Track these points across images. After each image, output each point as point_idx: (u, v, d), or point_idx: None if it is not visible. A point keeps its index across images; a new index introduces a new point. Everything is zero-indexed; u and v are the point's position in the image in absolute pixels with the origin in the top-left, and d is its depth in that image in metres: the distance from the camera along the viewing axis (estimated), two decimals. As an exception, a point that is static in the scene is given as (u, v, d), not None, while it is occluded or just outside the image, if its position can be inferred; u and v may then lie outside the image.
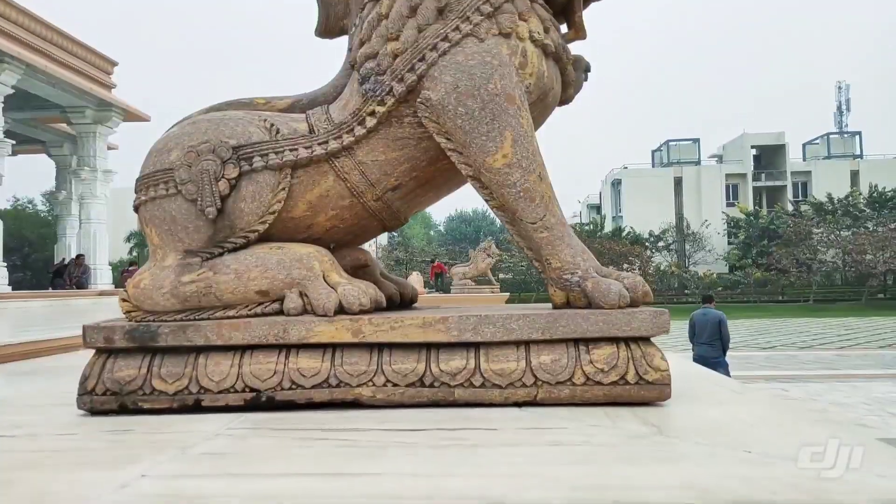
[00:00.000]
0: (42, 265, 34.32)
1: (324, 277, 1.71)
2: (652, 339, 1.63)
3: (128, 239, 38.87)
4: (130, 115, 16.76)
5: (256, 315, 1.70)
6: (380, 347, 1.66)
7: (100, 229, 15.87)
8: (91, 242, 15.72)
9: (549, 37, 1.77)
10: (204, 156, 1.72)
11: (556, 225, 1.70)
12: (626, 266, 40.25)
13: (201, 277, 1.70)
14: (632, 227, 41.08)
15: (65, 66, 14.55)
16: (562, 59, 1.83)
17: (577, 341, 1.61)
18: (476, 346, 1.64)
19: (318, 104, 1.92)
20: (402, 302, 2.07)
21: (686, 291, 37.30)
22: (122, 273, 16.94)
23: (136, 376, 1.67)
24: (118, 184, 18.55)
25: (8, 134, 13.06)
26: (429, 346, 1.65)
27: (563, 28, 1.96)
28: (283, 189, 1.75)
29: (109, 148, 16.90)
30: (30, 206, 41.45)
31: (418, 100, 1.71)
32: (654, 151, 52.71)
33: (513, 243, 39.60)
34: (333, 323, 1.65)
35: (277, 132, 1.78)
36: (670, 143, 50.14)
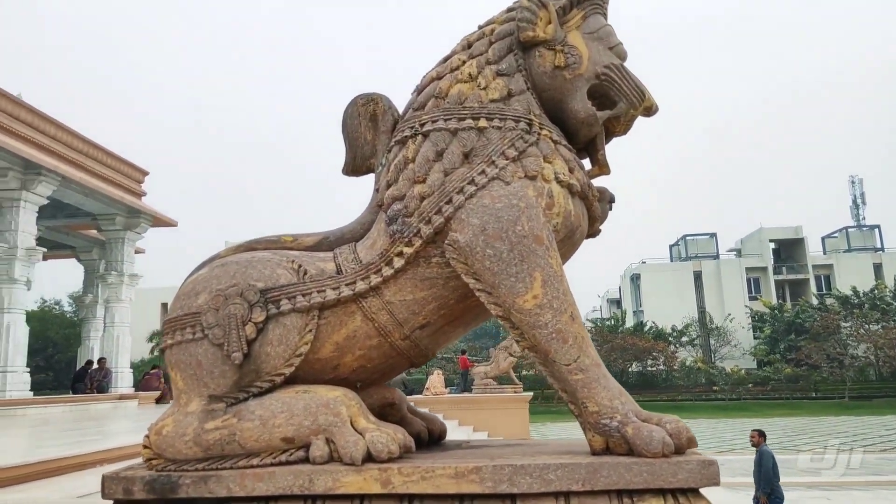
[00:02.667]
0: (65, 365, 34.45)
1: (351, 422, 1.66)
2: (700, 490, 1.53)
3: (150, 339, 39.05)
4: (158, 221, 17.30)
5: (281, 463, 1.64)
6: (410, 499, 1.58)
7: (123, 332, 15.99)
8: (114, 345, 15.81)
9: (574, 176, 1.80)
10: (231, 300, 1.72)
11: (591, 366, 1.65)
12: (650, 361, 39.32)
13: (225, 424, 1.66)
14: (653, 322, 40.51)
15: (98, 176, 15.22)
16: (587, 197, 1.86)
17: (620, 493, 1.52)
18: (512, 497, 1.55)
19: (346, 241, 1.94)
20: (430, 438, 2.00)
21: (714, 388, 36.14)
22: (143, 376, 16.89)
23: (154, 532, 1.59)
24: (143, 284, 18.86)
25: (40, 241, 13.49)
26: (462, 498, 1.57)
27: (587, 163, 2.00)
28: (311, 331, 1.73)
29: (137, 252, 17.32)
30: (56, 307, 42.12)
31: (446, 241, 1.72)
32: (671, 246, 52.89)
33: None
34: (361, 473, 1.58)
35: (305, 273, 1.79)
36: (687, 238, 50.36)
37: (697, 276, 44.77)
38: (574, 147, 1.90)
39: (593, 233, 1.97)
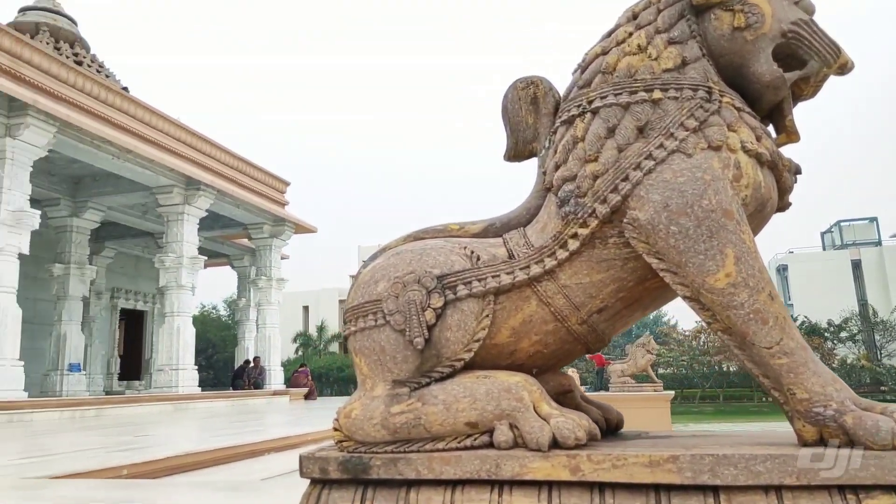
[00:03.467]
0: (222, 364, 37.70)
1: (534, 408, 1.63)
2: (939, 488, 1.35)
3: (294, 339, 41.73)
4: (300, 228, 18.41)
5: (466, 448, 1.65)
6: (601, 487, 1.53)
7: (274, 333, 17.19)
8: (266, 345, 17.01)
9: (762, 144, 1.66)
10: (410, 286, 1.76)
11: (797, 349, 1.51)
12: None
13: (410, 408, 1.70)
14: (805, 317, 37.27)
15: (248, 189, 16.45)
16: (777, 167, 1.70)
17: (842, 489, 1.37)
18: (714, 490, 1.45)
19: (512, 227, 1.92)
20: (608, 428, 1.93)
21: (882, 388, 32.55)
22: (293, 374, 18.10)
23: (349, 510, 1.66)
24: (286, 289, 20.22)
25: (200, 251, 14.86)
26: (657, 488, 1.49)
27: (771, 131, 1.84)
28: (487, 316, 1.73)
29: (282, 258, 18.54)
30: (214, 311, 46.18)
31: (624, 220, 1.65)
32: (823, 233, 48.37)
33: (671, 337, 37.26)
34: (549, 459, 1.55)
35: (478, 259, 1.79)
36: (842, 224, 45.82)
37: (856, 266, 40.58)
38: (756, 115, 1.75)
39: (783, 206, 1.80)
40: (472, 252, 1.80)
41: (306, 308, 52.72)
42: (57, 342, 14.26)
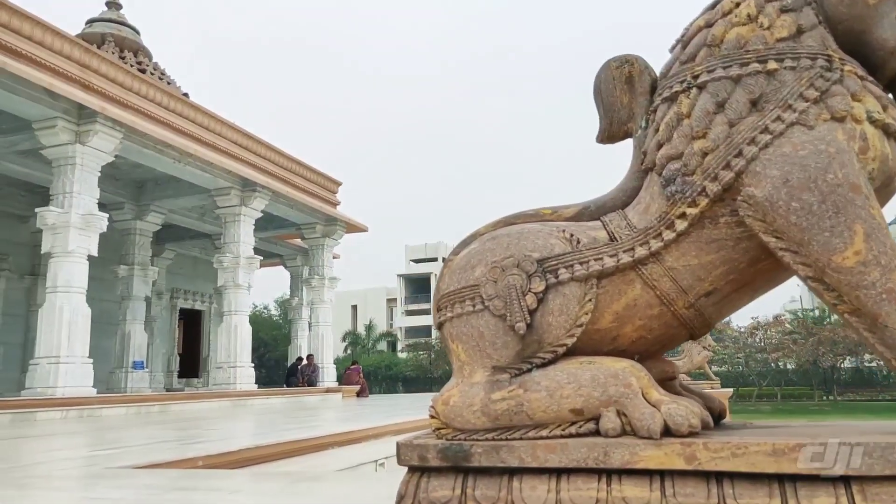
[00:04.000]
0: (274, 363, 38.56)
1: (642, 394, 1.57)
2: None
3: (343, 338, 42.36)
4: (351, 228, 18.63)
5: (571, 436, 1.60)
6: (718, 477, 1.45)
7: (326, 331, 17.43)
8: (319, 343, 17.26)
9: (889, 115, 1.55)
10: (509, 270, 1.72)
11: (936, 332, 1.41)
12: (867, 356, 34.80)
13: (512, 395, 1.66)
14: None
15: (301, 189, 16.72)
16: None
17: None
18: (846, 480, 1.36)
19: (608, 210, 1.87)
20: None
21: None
22: (345, 371, 18.34)
23: (450, 497, 1.63)
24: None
25: (255, 251, 15.19)
26: (780, 479, 1.41)
27: (890, 102, 1.72)
28: (590, 300, 1.68)
29: (334, 257, 18.78)
30: (265, 311, 47.26)
31: (739, 198, 1.57)
32: (889, 225, 46.17)
33: (726, 333, 36.15)
34: (661, 447, 1.49)
35: (578, 242, 1.74)
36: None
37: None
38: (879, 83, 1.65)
39: None
40: (572, 235, 1.75)
41: (354, 307, 53.50)
42: (122, 341, 14.79)
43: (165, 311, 19.17)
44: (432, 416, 1.78)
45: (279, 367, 32.37)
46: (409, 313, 53.07)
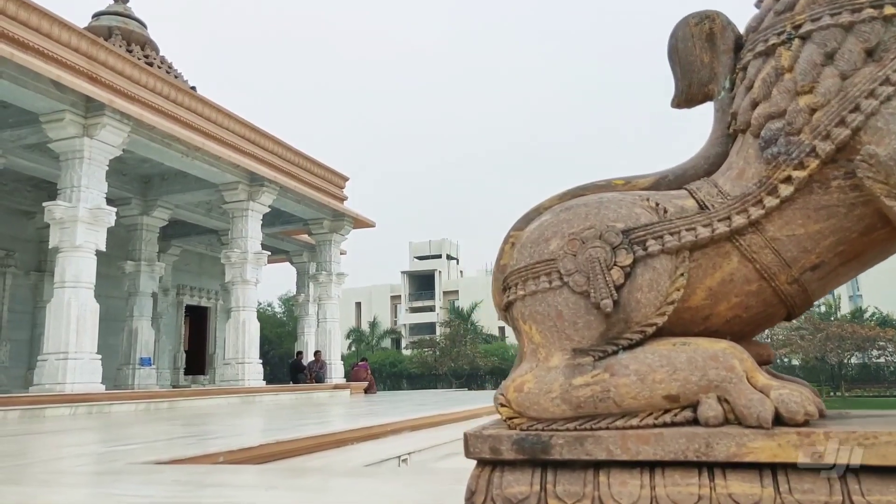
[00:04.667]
0: (278, 360, 38.39)
1: (747, 378, 1.41)
2: None
3: (347, 335, 42.18)
4: (359, 223, 18.47)
5: (665, 425, 1.44)
6: (844, 471, 1.29)
7: (334, 327, 17.29)
8: (327, 339, 17.12)
9: None
10: (590, 242, 1.56)
11: None
12: (874, 352, 34.56)
13: (596, 380, 1.49)
14: (876, 308, 35.52)
15: (308, 184, 16.56)
16: None
17: None
18: None
19: (689, 179, 1.71)
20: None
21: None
22: (352, 367, 18.19)
23: (528, 494, 1.47)
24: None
25: (261, 247, 15.03)
26: (916, 472, 1.25)
27: None
28: (682, 275, 1.51)
29: (341, 253, 18.64)
30: (269, 308, 47.10)
31: (857, 157, 1.41)
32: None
33: (803, 325, 35.79)
34: (774, 437, 1.32)
35: (665, 211, 1.57)
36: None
37: (934, 254, 38.28)
38: None
39: None
40: (658, 204, 1.59)
41: (358, 304, 53.30)
42: (129, 337, 14.65)
43: (171, 308, 19.04)
44: (502, 405, 1.62)
45: (283, 365, 32.27)
46: (414, 310, 52.92)
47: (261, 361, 14.13)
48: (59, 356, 9.61)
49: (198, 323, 20.85)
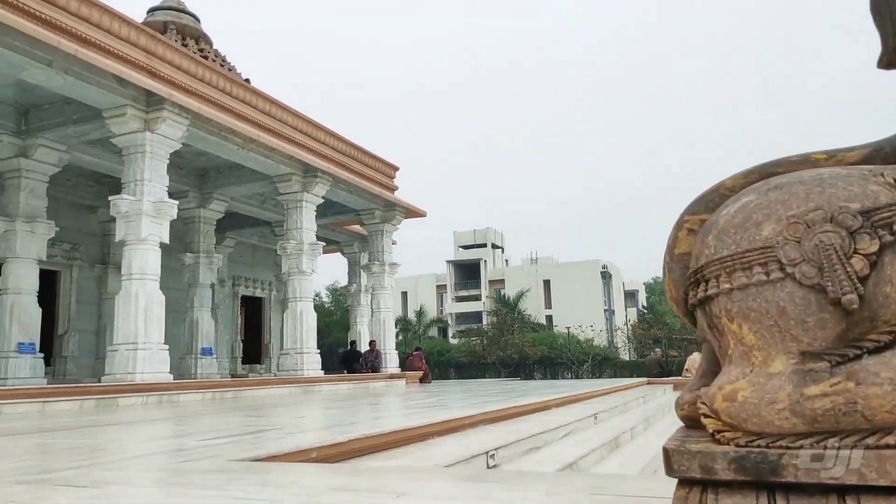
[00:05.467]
0: (327, 350, 38.94)
1: None
2: None
3: (395, 325, 42.40)
4: (410, 213, 18.38)
5: (931, 444, 1.21)
6: None
7: (388, 317, 17.28)
8: (381, 329, 17.13)
9: None
10: (818, 227, 1.32)
11: None
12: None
13: (837, 390, 1.27)
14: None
15: (360, 175, 16.53)
16: None
17: None
18: None
19: (912, 150, 1.45)
20: None
21: None
22: (407, 357, 18.18)
23: (753, 522, 1.26)
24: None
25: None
26: None
27: None
28: (939, 264, 1.27)
29: (392, 243, 18.59)
30: (316, 298, 47.72)
31: None
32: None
33: None
34: None
35: (907, 189, 1.33)
36: None
37: None
38: None
39: None
40: (895, 179, 1.35)
41: (405, 294, 53.57)
42: (190, 328, 14.92)
43: (228, 299, 19.34)
44: (705, 415, 1.41)
45: (333, 354, 32.65)
46: (459, 299, 52.89)
47: (318, 351, 14.21)
48: (128, 347, 9.79)
49: (253, 313, 21.17)
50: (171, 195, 10.96)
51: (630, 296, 59.49)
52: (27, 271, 10.95)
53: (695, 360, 16.63)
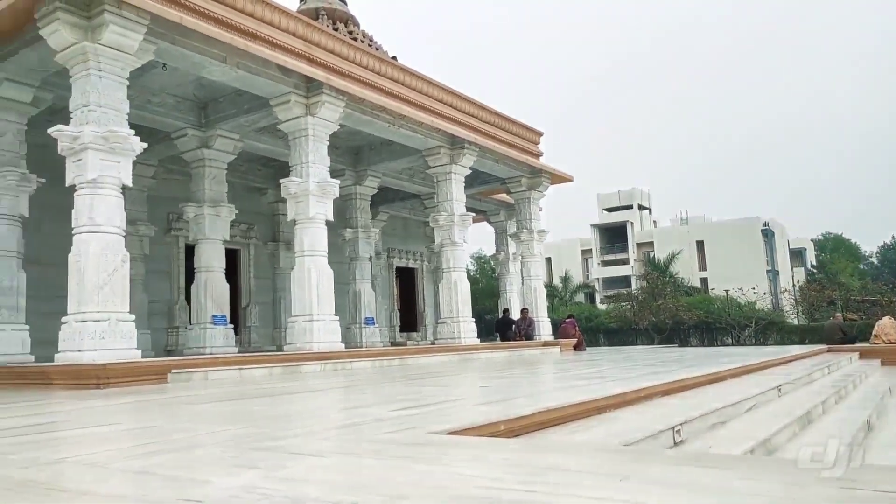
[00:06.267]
0: (476, 318, 39.83)
1: None
2: None
3: (540, 291, 42.34)
4: (556, 178, 18.07)
5: None
6: None
7: (539, 284, 17.24)
8: (532, 297, 17.15)
9: None
10: None
11: None
12: None
13: None
14: None
15: (505, 143, 16.47)
16: None
17: None
18: None
19: None
20: None
21: None
22: (560, 325, 18.09)
23: None
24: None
25: (463, 208, 15.27)
26: None
27: None
28: None
29: (539, 210, 18.40)
30: (461, 267, 48.68)
31: None
32: None
33: None
34: None
35: None
36: None
37: None
38: None
39: None
40: None
41: (549, 260, 53.18)
42: (353, 299, 15.88)
43: (384, 270, 20.33)
44: None
45: (481, 321, 33.35)
46: (605, 264, 51.54)
47: (474, 320, 14.53)
48: (305, 318, 10.62)
49: (406, 283, 22.10)
50: (331, 174, 11.59)
51: (796, 255, 54.59)
52: (216, 250, 12.17)
53: (885, 325, 14.91)
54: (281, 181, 11.28)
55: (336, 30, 14.01)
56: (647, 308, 31.50)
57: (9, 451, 2.92)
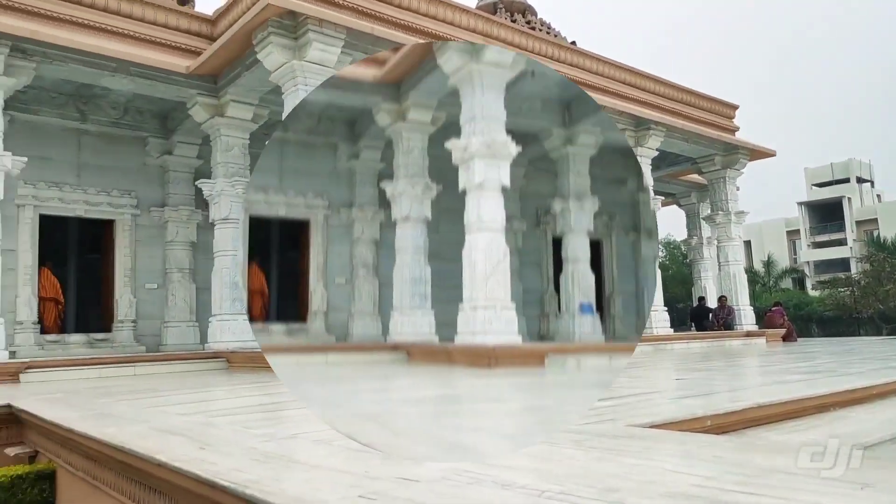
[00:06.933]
0: (666, 305, 37.74)
1: None
2: None
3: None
4: (755, 154, 16.55)
5: None
6: None
7: (738, 270, 15.95)
8: (731, 283, 15.91)
9: None
10: None
11: None
12: None
13: None
14: None
15: (695, 120, 15.41)
16: None
17: None
18: None
19: None
20: None
21: None
22: (765, 314, 16.56)
23: None
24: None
25: (651, 191, 14.48)
26: None
27: None
28: None
29: (736, 189, 16.95)
30: (648, 253, 46.51)
31: None
32: None
33: None
34: None
35: None
36: None
37: None
38: None
39: None
40: None
41: (747, 243, 48.71)
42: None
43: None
44: None
45: (671, 311, 31.58)
46: (817, 245, 46.03)
47: (666, 309, 13.83)
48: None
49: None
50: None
51: None
52: (581, 242, 12.47)
53: None
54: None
55: (514, 21, 14.09)
56: (871, 294, 27.59)
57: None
